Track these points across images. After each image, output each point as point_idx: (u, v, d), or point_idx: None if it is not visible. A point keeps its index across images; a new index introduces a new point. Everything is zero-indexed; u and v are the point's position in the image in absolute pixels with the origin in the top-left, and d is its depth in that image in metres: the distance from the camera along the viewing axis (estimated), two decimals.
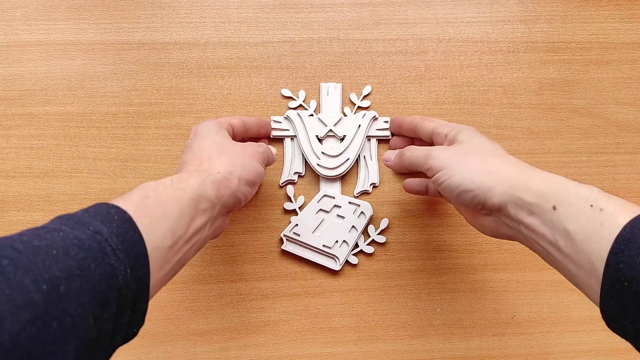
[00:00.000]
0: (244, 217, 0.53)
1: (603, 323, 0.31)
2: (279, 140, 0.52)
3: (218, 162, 0.38)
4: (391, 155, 0.48)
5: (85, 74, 0.52)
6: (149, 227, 0.30)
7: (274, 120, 0.51)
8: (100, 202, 0.30)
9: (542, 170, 0.36)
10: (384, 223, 0.52)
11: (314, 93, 0.53)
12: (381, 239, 0.52)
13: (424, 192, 0.49)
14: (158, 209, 0.31)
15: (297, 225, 0.51)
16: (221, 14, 0.53)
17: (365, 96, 0.53)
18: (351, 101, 0.52)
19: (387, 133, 0.52)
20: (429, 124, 0.45)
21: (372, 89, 0.50)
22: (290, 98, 0.52)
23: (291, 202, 0.52)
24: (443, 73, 0.54)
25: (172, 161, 0.52)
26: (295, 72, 0.53)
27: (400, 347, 0.53)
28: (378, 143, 0.52)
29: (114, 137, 0.52)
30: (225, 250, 0.53)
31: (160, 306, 0.52)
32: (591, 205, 0.30)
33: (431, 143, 0.46)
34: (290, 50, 0.53)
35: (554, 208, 0.32)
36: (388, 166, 0.49)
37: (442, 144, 0.43)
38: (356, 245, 0.52)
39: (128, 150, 0.52)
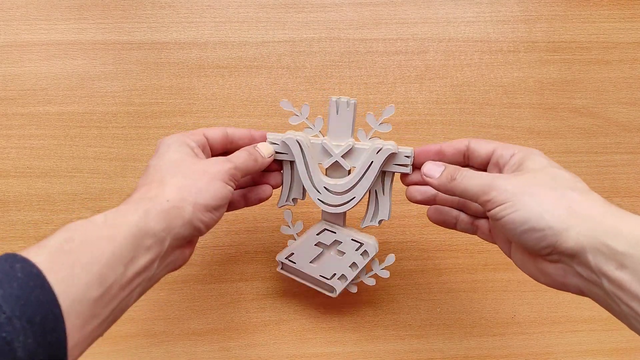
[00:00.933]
0: (244, 217, 0.53)
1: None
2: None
3: (169, 187, 0.32)
4: (435, 170, 0.37)
5: (85, 74, 0.52)
6: (67, 279, 0.25)
7: (269, 141, 0.41)
8: (8, 252, 0.26)
9: (636, 214, 0.29)
10: (389, 259, 0.45)
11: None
12: (385, 274, 0.46)
13: (453, 224, 0.41)
14: (83, 254, 0.26)
15: (293, 254, 0.46)
16: (221, 14, 0.53)
17: (385, 119, 0.41)
18: (367, 123, 0.42)
19: (408, 170, 0.41)
20: (486, 145, 0.37)
21: (394, 110, 0.41)
22: (292, 113, 0.42)
23: (288, 226, 0.47)
24: (443, 73, 0.54)
25: None
26: (295, 72, 0.53)
27: (400, 347, 0.53)
28: (392, 176, 0.43)
29: (114, 137, 0.52)
30: (225, 250, 0.53)
31: (160, 306, 0.52)
32: None
33: (483, 169, 0.38)
34: (290, 50, 0.53)
35: None
36: (428, 183, 0.37)
37: (502, 170, 0.36)
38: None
39: (128, 150, 0.52)
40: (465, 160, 0.39)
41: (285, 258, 0.46)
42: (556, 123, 0.55)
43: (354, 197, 0.42)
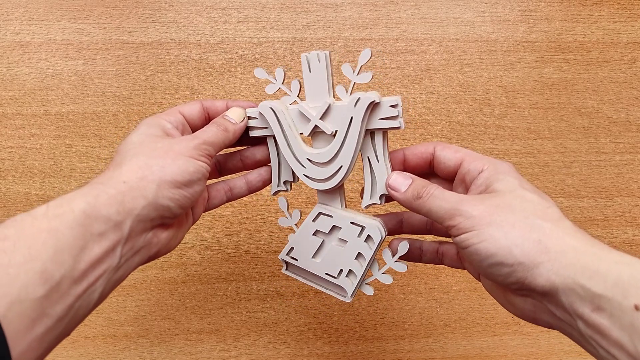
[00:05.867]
0: (244, 217, 0.53)
1: None
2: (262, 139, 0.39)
3: (126, 167, 0.30)
4: (402, 182, 0.33)
5: (85, 74, 0.52)
6: (1, 281, 0.23)
7: (247, 116, 0.37)
8: None
9: (613, 249, 0.26)
10: (402, 248, 0.37)
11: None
12: (401, 267, 0.37)
13: (418, 256, 0.38)
14: (18, 252, 0.24)
15: (292, 248, 0.40)
16: (221, 14, 0.53)
17: (362, 66, 0.35)
18: (346, 76, 0.36)
19: (397, 123, 0.34)
20: (453, 154, 0.33)
21: (371, 54, 0.34)
22: (267, 81, 0.38)
23: (285, 217, 0.41)
24: (443, 73, 0.54)
25: None
26: (296, 72, 0.53)
27: (400, 347, 0.53)
28: (384, 135, 0.35)
29: (114, 136, 0.52)
30: (225, 250, 0.53)
31: (160, 306, 0.52)
32: None
33: (450, 179, 0.35)
34: (290, 50, 0.53)
35: (637, 308, 0.23)
36: (393, 197, 0.34)
37: (469, 187, 0.32)
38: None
39: None
40: (431, 169, 0.35)
41: (287, 255, 0.40)
42: (556, 123, 0.55)
43: (341, 167, 0.36)
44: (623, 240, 0.55)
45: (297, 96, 0.37)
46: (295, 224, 0.41)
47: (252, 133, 0.38)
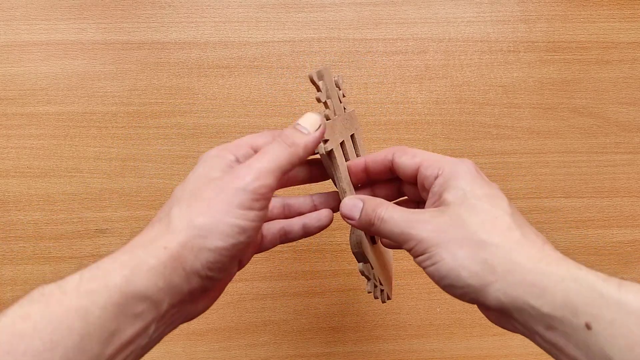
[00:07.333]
0: None
1: None
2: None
3: (172, 226, 0.25)
4: (354, 209, 0.31)
5: (85, 74, 0.52)
6: None
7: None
8: None
9: (561, 257, 0.25)
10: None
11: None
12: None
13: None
14: (38, 338, 0.21)
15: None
16: (221, 14, 0.53)
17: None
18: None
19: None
20: (410, 160, 0.31)
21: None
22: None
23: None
24: (443, 73, 0.54)
25: (172, 161, 0.52)
26: (295, 72, 0.53)
27: (400, 347, 0.53)
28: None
29: (114, 136, 0.52)
30: None
31: None
32: None
33: (414, 184, 0.33)
34: (290, 50, 0.53)
35: (588, 327, 0.22)
36: (353, 225, 0.32)
37: (429, 190, 0.30)
38: None
39: (128, 150, 0.52)
40: (395, 175, 0.33)
41: None
42: (556, 123, 0.55)
43: None
44: (623, 240, 0.55)
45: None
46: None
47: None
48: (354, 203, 0.31)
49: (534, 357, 0.53)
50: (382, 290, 0.37)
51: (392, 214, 0.29)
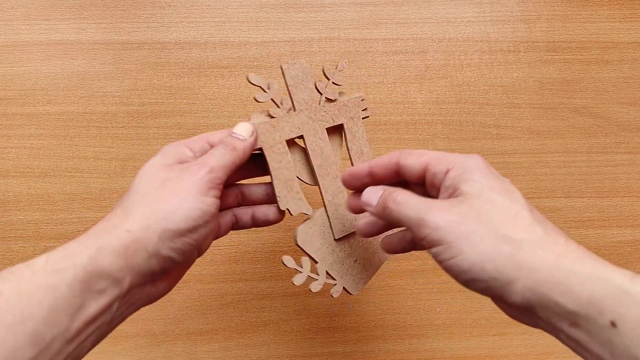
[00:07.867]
0: None
1: None
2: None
3: (133, 213, 0.28)
4: (373, 196, 0.32)
5: (85, 74, 0.52)
6: None
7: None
8: None
9: (586, 253, 0.25)
10: (287, 261, 0.38)
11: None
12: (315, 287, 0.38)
13: (410, 249, 0.35)
14: (10, 312, 0.23)
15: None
16: (221, 14, 0.53)
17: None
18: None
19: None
20: (417, 160, 0.31)
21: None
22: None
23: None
24: (443, 73, 0.54)
25: None
26: None
27: (400, 347, 0.53)
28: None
29: (114, 136, 0.52)
30: (225, 250, 0.53)
31: (160, 306, 0.52)
32: None
33: (422, 184, 0.32)
34: (290, 50, 0.53)
35: (613, 325, 0.23)
36: (369, 212, 0.32)
37: (439, 191, 0.30)
38: None
39: (128, 150, 0.52)
40: (401, 178, 0.33)
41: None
42: (556, 123, 0.55)
43: None
44: (623, 240, 0.55)
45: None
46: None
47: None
48: (376, 190, 0.32)
49: (534, 357, 0.53)
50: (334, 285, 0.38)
51: (408, 199, 0.29)
